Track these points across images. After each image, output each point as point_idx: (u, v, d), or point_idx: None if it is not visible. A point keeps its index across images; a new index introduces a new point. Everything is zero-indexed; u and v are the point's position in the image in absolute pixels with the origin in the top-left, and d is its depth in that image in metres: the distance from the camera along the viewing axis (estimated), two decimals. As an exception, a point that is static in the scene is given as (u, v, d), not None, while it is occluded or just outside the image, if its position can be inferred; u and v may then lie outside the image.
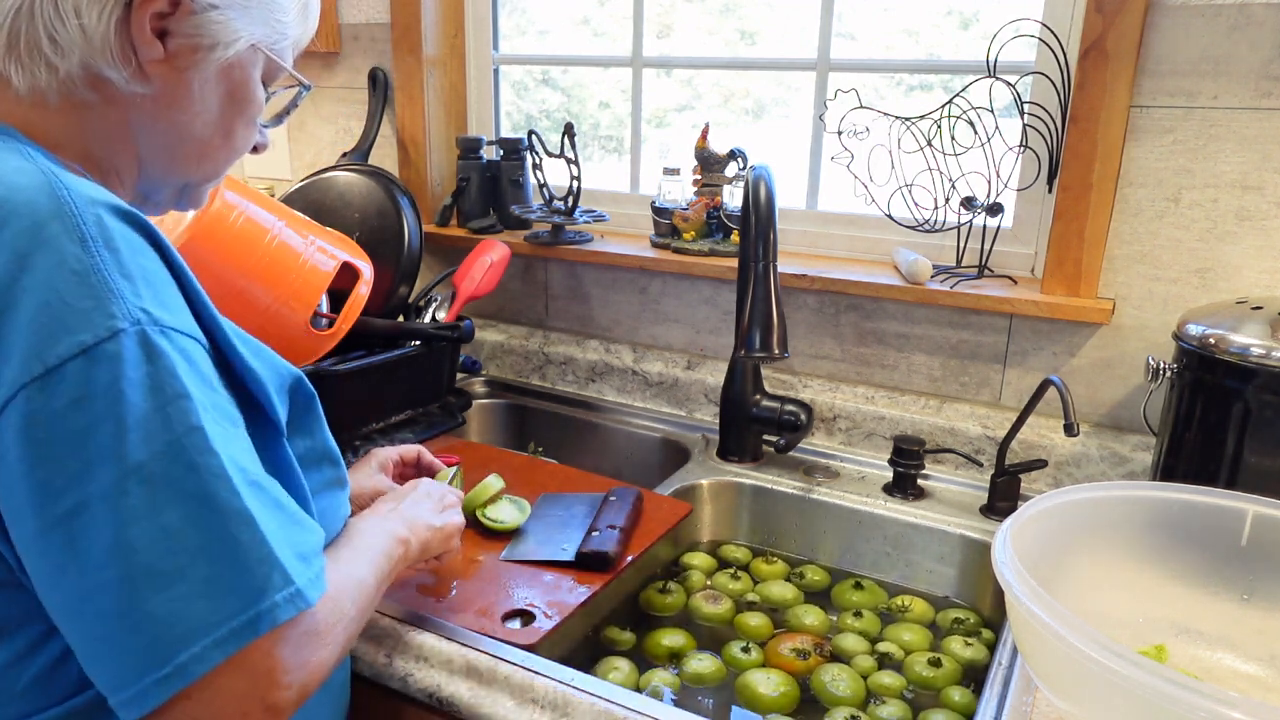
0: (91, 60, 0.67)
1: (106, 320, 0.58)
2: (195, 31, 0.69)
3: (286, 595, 0.61)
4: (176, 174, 0.76)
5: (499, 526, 1.13)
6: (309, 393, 0.78)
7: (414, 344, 1.45)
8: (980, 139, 1.32)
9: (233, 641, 0.58)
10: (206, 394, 0.62)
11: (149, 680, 0.57)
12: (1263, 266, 1.20)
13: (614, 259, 1.60)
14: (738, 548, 1.33)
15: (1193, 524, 0.89)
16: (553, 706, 0.85)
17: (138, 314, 0.60)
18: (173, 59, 0.70)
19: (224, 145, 0.76)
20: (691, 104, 1.76)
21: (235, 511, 0.60)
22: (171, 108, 0.71)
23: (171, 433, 0.59)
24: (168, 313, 0.62)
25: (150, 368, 0.59)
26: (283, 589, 0.61)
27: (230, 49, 0.72)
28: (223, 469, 0.60)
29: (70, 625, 0.60)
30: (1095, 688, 0.68)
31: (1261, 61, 1.14)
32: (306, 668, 0.63)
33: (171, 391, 0.60)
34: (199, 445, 0.60)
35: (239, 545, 0.60)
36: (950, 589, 1.23)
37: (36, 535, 0.58)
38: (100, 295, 0.59)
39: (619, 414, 1.61)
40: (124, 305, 0.59)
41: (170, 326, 0.61)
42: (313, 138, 1.94)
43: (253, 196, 1.20)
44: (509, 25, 1.84)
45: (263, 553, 0.61)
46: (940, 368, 1.42)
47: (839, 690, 1.01)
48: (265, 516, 0.62)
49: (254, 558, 0.60)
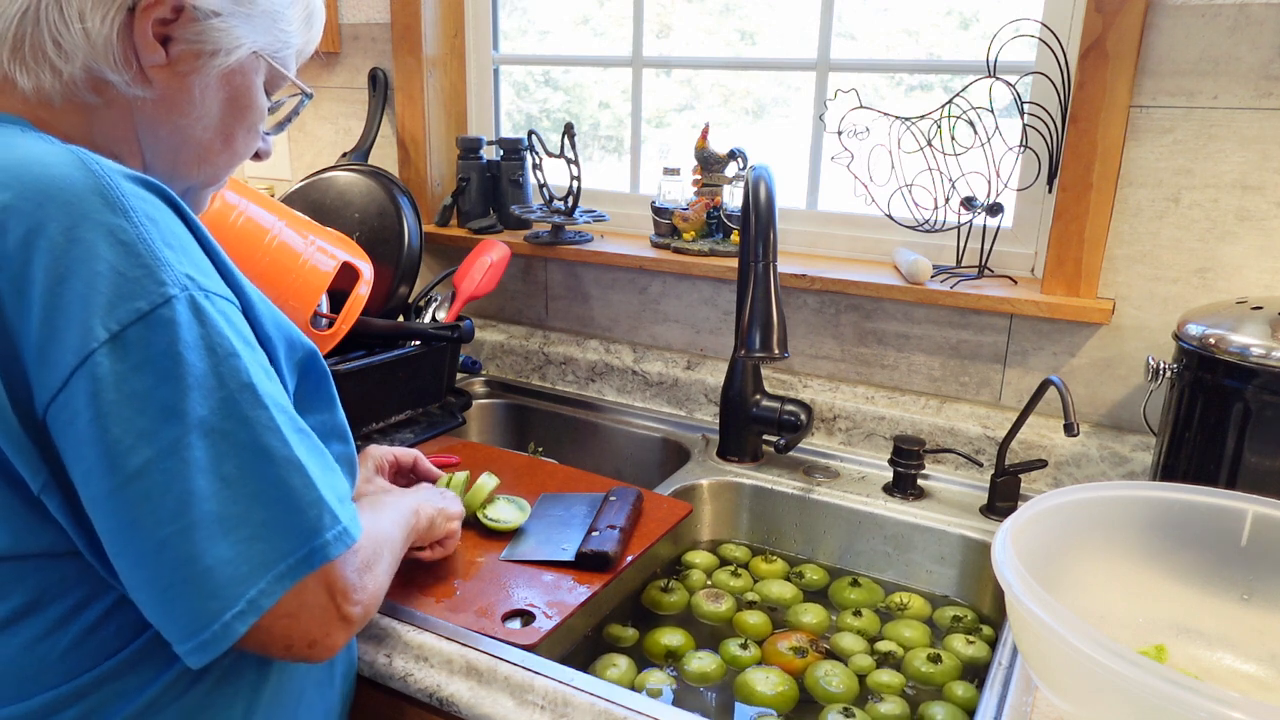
0: (94, 64, 0.68)
1: (159, 287, 0.62)
2: (197, 38, 0.71)
3: (336, 533, 0.67)
4: (179, 177, 0.77)
5: (499, 526, 1.13)
6: (322, 369, 0.80)
7: (414, 344, 1.45)
8: (980, 139, 1.32)
9: (292, 575, 0.64)
10: (249, 352, 0.66)
11: (226, 618, 0.62)
12: (1263, 266, 1.20)
13: (614, 259, 1.60)
14: (737, 547, 1.33)
15: (1193, 524, 0.89)
16: (552, 706, 0.85)
17: (184, 280, 0.63)
18: (174, 64, 0.71)
19: (224, 150, 0.78)
20: (691, 104, 1.76)
21: (286, 460, 0.65)
22: (173, 111, 0.73)
23: (226, 389, 0.63)
24: (206, 278, 0.66)
25: (202, 329, 0.63)
26: (333, 527, 0.67)
27: (232, 56, 0.73)
28: (273, 421, 0.65)
29: (143, 579, 0.63)
30: (1095, 688, 0.68)
31: (1261, 61, 1.14)
32: (366, 589, 0.71)
33: (223, 351, 0.64)
34: (251, 400, 0.64)
35: (292, 490, 0.65)
36: (950, 589, 1.23)
37: (108, 494, 0.61)
38: (149, 264, 0.62)
39: (619, 414, 1.61)
40: (172, 273, 0.63)
41: (212, 291, 0.65)
42: (313, 138, 1.94)
43: (253, 196, 1.20)
44: (509, 25, 1.84)
45: (313, 496, 0.66)
46: (940, 368, 1.42)
47: (831, 686, 1.01)
48: (312, 462, 0.67)
49: (306, 500, 0.66)
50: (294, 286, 1.20)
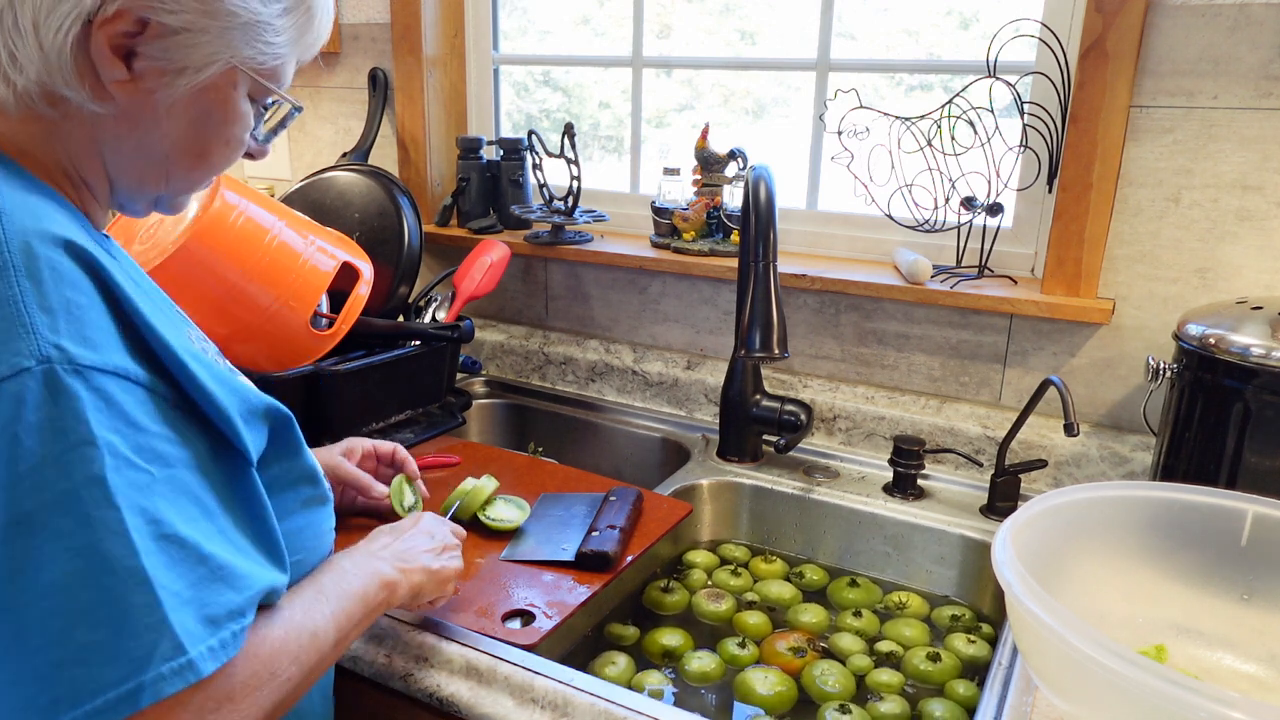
0: (47, 78, 0.63)
1: (11, 357, 0.55)
2: (164, 54, 0.64)
3: (174, 667, 0.56)
4: (148, 189, 0.72)
5: (502, 526, 1.13)
6: (284, 416, 0.75)
7: (414, 344, 1.45)
8: (980, 139, 1.32)
9: (108, 714, 0.54)
10: (128, 436, 0.58)
11: None
12: (1263, 266, 1.20)
13: (614, 259, 1.60)
14: (737, 547, 1.33)
15: (1193, 524, 0.89)
16: (553, 706, 0.85)
17: (49, 350, 0.56)
18: (139, 80, 0.65)
19: (198, 165, 0.72)
20: (691, 104, 1.76)
21: (129, 571, 0.55)
22: (136, 129, 0.67)
23: (68, 482, 0.55)
24: (90, 350, 0.58)
25: (53, 410, 0.55)
26: (171, 659, 0.56)
27: (204, 73, 0.66)
28: (122, 524, 0.55)
29: None
30: (1095, 688, 0.68)
31: (1261, 61, 1.14)
32: None
33: (75, 437, 0.55)
34: (97, 498, 0.55)
35: (128, 608, 0.55)
36: (950, 589, 1.23)
37: None
38: (9, 328, 0.55)
39: (619, 414, 1.61)
40: (34, 341, 0.56)
41: (89, 365, 0.57)
42: (313, 138, 1.94)
43: (253, 196, 1.20)
44: (509, 25, 1.84)
45: (153, 618, 0.56)
46: (940, 368, 1.42)
47: (827, 685, 1.02)
48: (168, 576, 0.57)
49: (142, 623, 0.55)
50: (294, 287, 1.20)
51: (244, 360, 1.15)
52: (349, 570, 0.78)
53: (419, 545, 0.89)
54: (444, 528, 0.95)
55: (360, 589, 0.77)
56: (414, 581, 0.84)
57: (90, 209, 0.70)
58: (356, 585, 0.77)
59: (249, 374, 0.96)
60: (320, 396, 1.30)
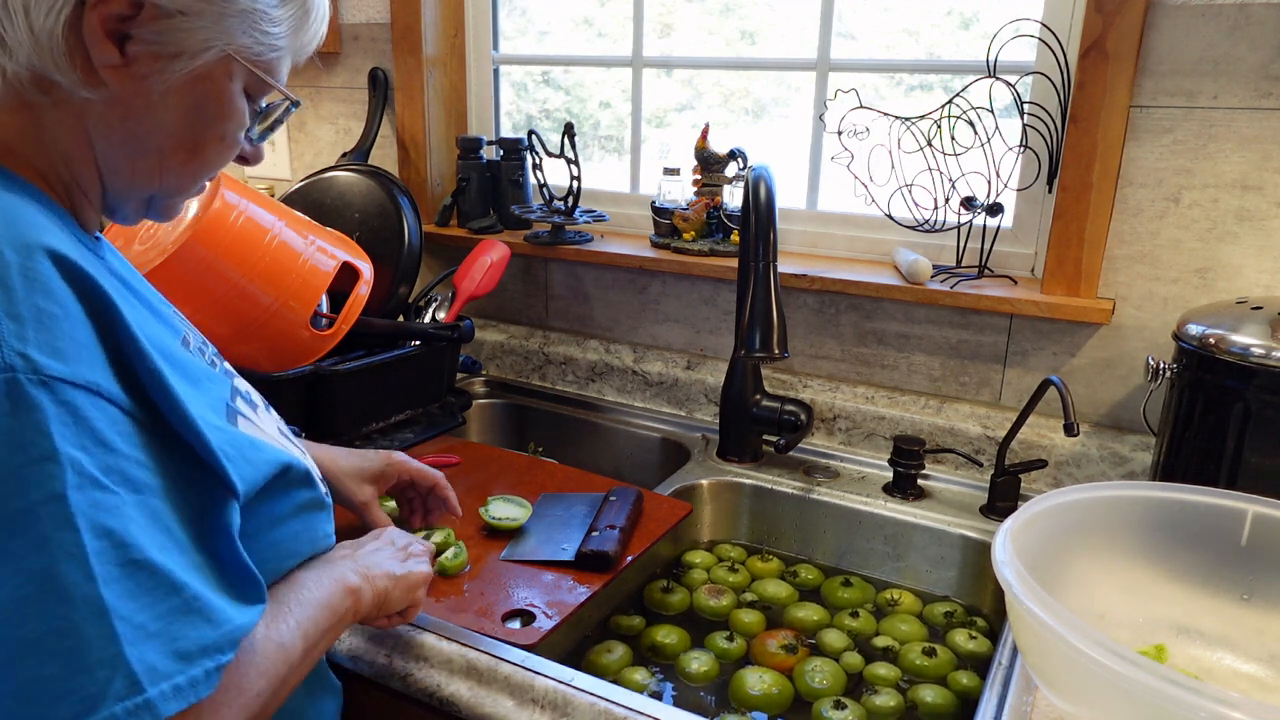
0: (37, 62, 0.61)
1: None
2: (158, 38, 0.62)
3: (128, 707, 0.52)
4: (139, 186, 0.69)
5: (505, 525, 1.14)
6: (302, 470, 0.73)
7: (414, 344, 1.45)
8: (980, 139, 1.32)
9: None
10: (96, 455, 0.54)
11: None
12: (1263, 266, 1.20)
13: (614, 259, 1.60)
14: (733, 547, 1.33)
15: (1193, 524, 0.89)
16: (552, 706, 0.85)
17: (12, 359, 0.52)
18: (131, 65, 0.63)
19: (191, 160, 0.69)
20: (691, 104, 1.76)
21: (85, 600, 0.51)
22: (128, 117, 0.65)
23: (24, 499, 0.51)
24: (59, 361, 0.54)
25: (13, 422, 0.52)
26: (126, 698, 0.52)
27: (198, 59, 0.64)
28: (80, 547, 0.52)
29: None
30: (1095, 688, 0.68)
31: (1261, 61, 1.14)
32: None
33: (36, 452, 0.52)
34: (55, 517, 0.51)
35: (81, 641, 0.51)
36: (950, 589, 1.23)
37: None
38: None
39: (619, 414, 1.61)
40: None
41: (57, 376, 0.54)
42: (313, 138, 1.94)
43: (253, 196, 1.20)
44: (509, 25, 1.84)
45: (108, 653, 0.52)
46: (940, 368, 1.42)
47: (815, 682, 1.02)
48: (131, 606, 0.53)
49: (95, 658, 0.51)
50: (294, 287, 1.20)
51: (244, 360, 1.15)
52: (308, 581, 0.74)
53: (381, 552, 0.86)
54: (406, 536, 0.92)
55: (324, 597, 0.74)
56: (379, 587, 0.81)
57: (81, 210, 0.68)
58: (318, 594, 0.73)
59: (249, 374, 0.96)
60: (320, 396, 1.31)
